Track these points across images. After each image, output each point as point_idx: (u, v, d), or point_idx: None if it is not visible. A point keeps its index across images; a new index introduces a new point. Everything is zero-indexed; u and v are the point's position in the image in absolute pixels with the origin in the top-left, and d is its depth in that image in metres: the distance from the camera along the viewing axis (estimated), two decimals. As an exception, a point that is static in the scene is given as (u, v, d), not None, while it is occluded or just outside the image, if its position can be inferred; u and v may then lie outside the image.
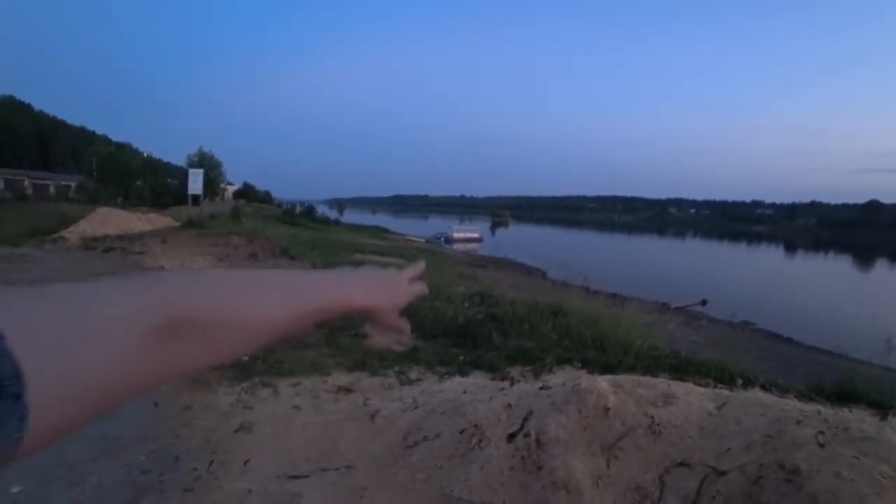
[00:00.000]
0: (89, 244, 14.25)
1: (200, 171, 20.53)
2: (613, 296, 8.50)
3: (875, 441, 1.90)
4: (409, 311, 0.64)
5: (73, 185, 36.44)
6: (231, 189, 63.99)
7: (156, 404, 3.84)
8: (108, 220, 17.08)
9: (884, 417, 2.16)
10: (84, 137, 72.90)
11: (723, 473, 2.04)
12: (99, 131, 77.39)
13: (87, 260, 12.64)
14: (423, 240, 45.97)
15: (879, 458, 1.82)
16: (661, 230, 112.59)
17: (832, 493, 1.73)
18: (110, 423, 3.50)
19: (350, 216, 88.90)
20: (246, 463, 3.07)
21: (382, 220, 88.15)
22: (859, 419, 2.12)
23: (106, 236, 14.81)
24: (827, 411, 2.30)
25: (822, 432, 2.01)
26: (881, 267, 47.98)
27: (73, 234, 15.06)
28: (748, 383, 4.59)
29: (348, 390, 4.21)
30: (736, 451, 2.13)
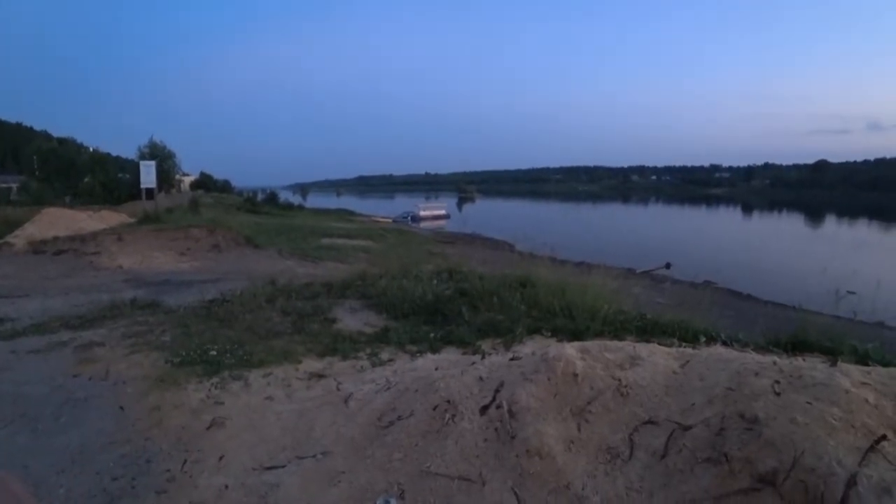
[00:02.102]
0: (38, 248, 13.56)
1: (153, 164, 19.67)
2: (580, 264, 8.64)
3: (826, 386, 2.01)
4: (379, 292, 0.61)
5: (14, 186, 34.29)
6: (188, 180, 61.63)
7: (121, 408, 3.72)
8: (57, 221, 16.25)
9: (834, 363, 2.27)
10: (22, 134, 68.35)
11: (688, 428, 2.12)
12: (37, 127, 72.50)
13: (38, 264, 12.05)
14: (391, 220, 45.62)
15: (830, 402, 1.92)
16: (625, 197, 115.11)
17: (788, 437, 1.82)
18: (74, 433, 3.38)
19: (314, 200, 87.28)
20: (221, 458, 3.02)
21: (348, 202, 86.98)
22: (811, 367, 2.23)
23: (56, 238, 14.08)
24: (782, 361, 2.41)
25: (777, 381, 2.11)
26: (829, 222, 50.62)
27: (18, 238, 14.26)
28: (711, 340, 4.77)
29: (320, 376, 4.17)
30: (700, 405, 2.22)
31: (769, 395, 2.04)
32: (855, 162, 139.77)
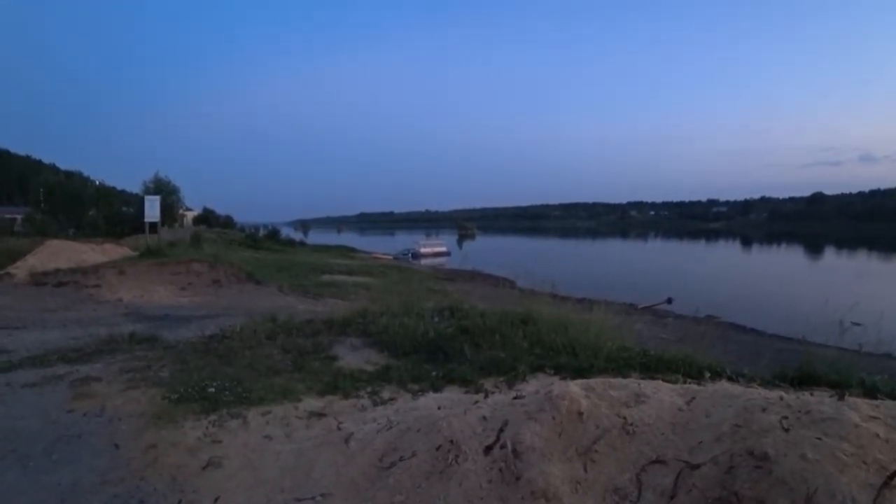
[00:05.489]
0: (39, 279, 13.56)
1: (157, 198, 19.92)
2: (581, 300, 8.62)
3: (835, 421, 1.97)
4: (380, 330, 0.62)
5: (18, 217, 34.56)
6: (190, 215, 62.25)
7: (116, 445, 3.64)
8: (59, 253, 16.31)
9: (842, 397, 2.24)
10: (30, 167, 69.48)
11: (697, 467, 2.07)
12: (46, 160, 74.26)
13: (37, 296, 12.02)
14: (391, 256, 45.74)
15: (840, 437, 1.89)
16: (624, 233, 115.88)
17: (799, 474, 1.77)
18: (66, 470, 3.30)
19: (315, 236, 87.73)
20: (216, 500, 2.94)
21: (348, 238, 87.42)
22: (819, 401, 2.19)
23: (57, 270, 14.11)
24: (789, 396, 2.37)
25: (785, 417, 2.08)
26: (828, 253, 50.86)
27: (20, 269, 14.29)
28: (716, 375, 4.72)
29: (320, 415, 4.09)
30: (707, 443, 2.17)
31: (778, 432, 2.00)
32: (850, 194, 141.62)
